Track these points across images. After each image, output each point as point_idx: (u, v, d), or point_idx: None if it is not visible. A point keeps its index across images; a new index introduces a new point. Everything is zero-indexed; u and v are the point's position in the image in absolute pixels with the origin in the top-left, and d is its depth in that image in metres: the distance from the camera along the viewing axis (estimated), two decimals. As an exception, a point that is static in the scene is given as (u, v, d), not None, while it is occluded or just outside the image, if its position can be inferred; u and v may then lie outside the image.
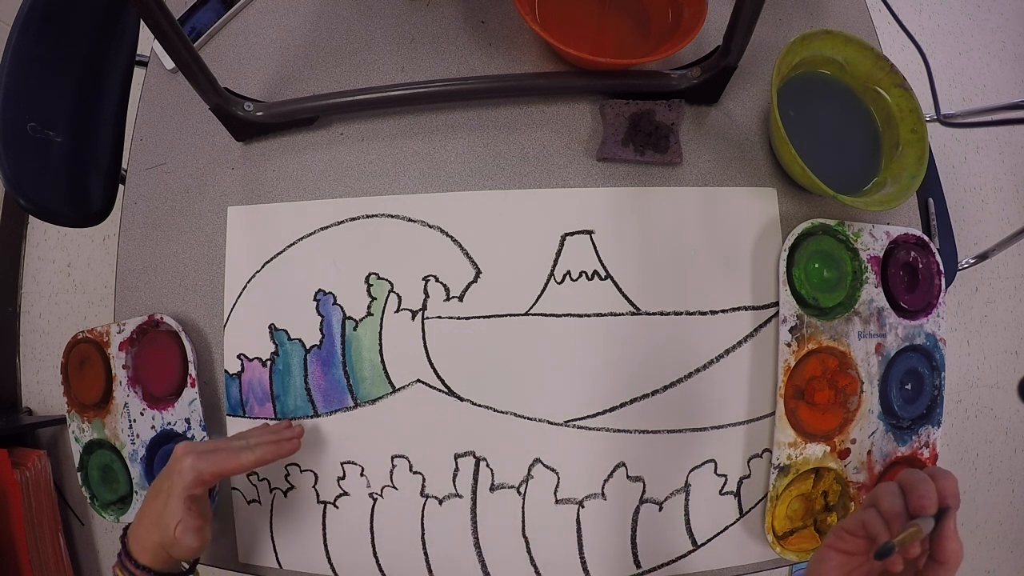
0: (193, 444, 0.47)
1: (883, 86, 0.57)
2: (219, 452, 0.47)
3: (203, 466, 0.45)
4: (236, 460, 0.47)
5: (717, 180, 0.58)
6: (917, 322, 0.56)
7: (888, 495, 0.38)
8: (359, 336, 0.55)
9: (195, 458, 0.46)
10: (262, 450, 0.48)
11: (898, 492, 0.37)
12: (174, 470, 0.46)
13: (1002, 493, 1.32)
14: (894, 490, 0.38)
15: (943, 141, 1.43)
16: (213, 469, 0.46)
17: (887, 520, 0.37)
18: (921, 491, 0.36)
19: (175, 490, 0.45)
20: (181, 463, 0.46)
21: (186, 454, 0.46)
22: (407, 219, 0.57)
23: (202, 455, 0.46)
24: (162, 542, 0.45)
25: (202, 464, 0.45)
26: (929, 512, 0.36)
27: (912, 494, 0.36)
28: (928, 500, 0.36)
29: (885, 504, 0.37)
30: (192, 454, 0.46)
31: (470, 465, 0.54)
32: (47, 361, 1.38)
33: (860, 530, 0.39)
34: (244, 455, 0.47)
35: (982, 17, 1.54)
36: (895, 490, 0.38)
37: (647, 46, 0.59)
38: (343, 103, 0.57)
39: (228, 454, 0.47)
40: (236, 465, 0.47)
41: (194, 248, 0.58)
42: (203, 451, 0.46)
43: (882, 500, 0.38)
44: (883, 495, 0.38)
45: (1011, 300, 1.39)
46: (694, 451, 0.54)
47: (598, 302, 0.55)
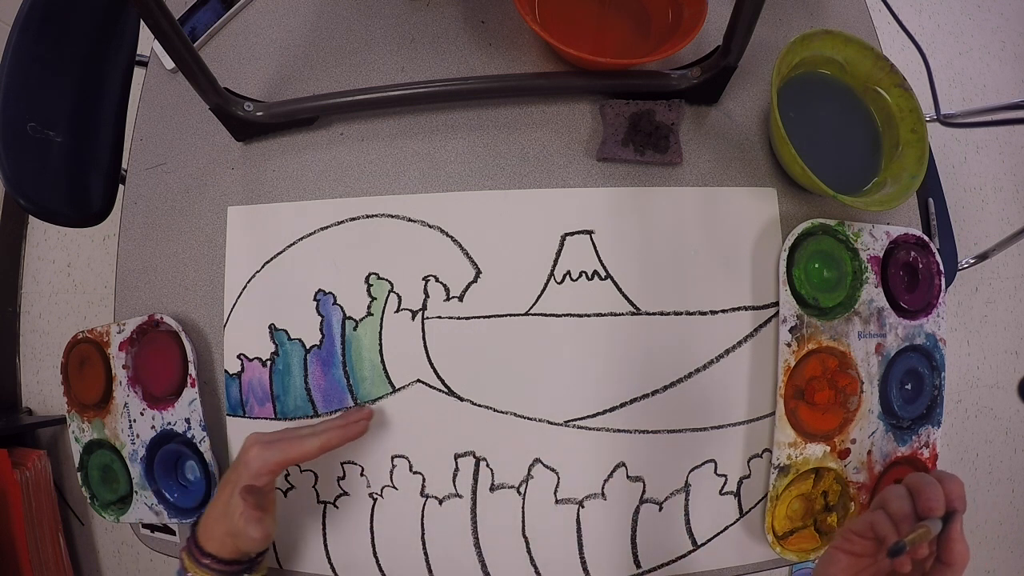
0: (260, 434, 0.48)
1: (883, 86, 0.57)
2: (284, 440, 0.47)
3: (268, 455, 0.46)
4: (301, 447, 0.47)
5: (717, 180, 0.58)
6: (917, 322, 0.56)
7: (897, 498, 0.38)
8: (359, 336, 0.55)
9: (260, 447, 0.46)
10: (328, 435, 0.48)
11: (906, 495, 0.38)
12: (240, 460, 0.46)
13: (1002, 493, 1.32)
14: (902, 493, 0.38)
15: (943, 141, 1.44)
16: (278, 458, 0.46)
17: (895, 522, 0.38)
18: (929, 494, 0.37)
19: (240, 480, 0.45)
20: (247, 453, 0.46)
21: (252, 443, 0.46)
22: (407, 219, 0.57)
23: (267, 444, 0.46)
24: (229, 531, 0.45)
25: (267, 453, 0.46)
26: (937, 514, 0.36)
27: (920, 497, 0.37)
28: (936, 503, 0.36)
29: (894, 506, 0.38)
30: (258, 444, 0.46)
31: (470, 465, 0.54)
32: (47, 361, 1.38)
33: (868, 532, 0.39)
34: (309, 441, 0.47)
35: (982, 17, 1.54)
36: (903, 493, 0.38)
37: (647, 46, 0.59)
38: (343, 103, 0.57)
39: (292, 442, 0.47)
40: (300, 452, 0.47)
41: (194, 248, 0.58)
42: (269, 440, 0.47)
43: (891, 502, 0.38)
44: (892, 498, 0.38)
45: (1011, 300, 1.39)
46: (694, 451, 0.54)
47: (598, 302, 0.55)
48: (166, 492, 0.56)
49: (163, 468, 0.56)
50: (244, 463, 0.46)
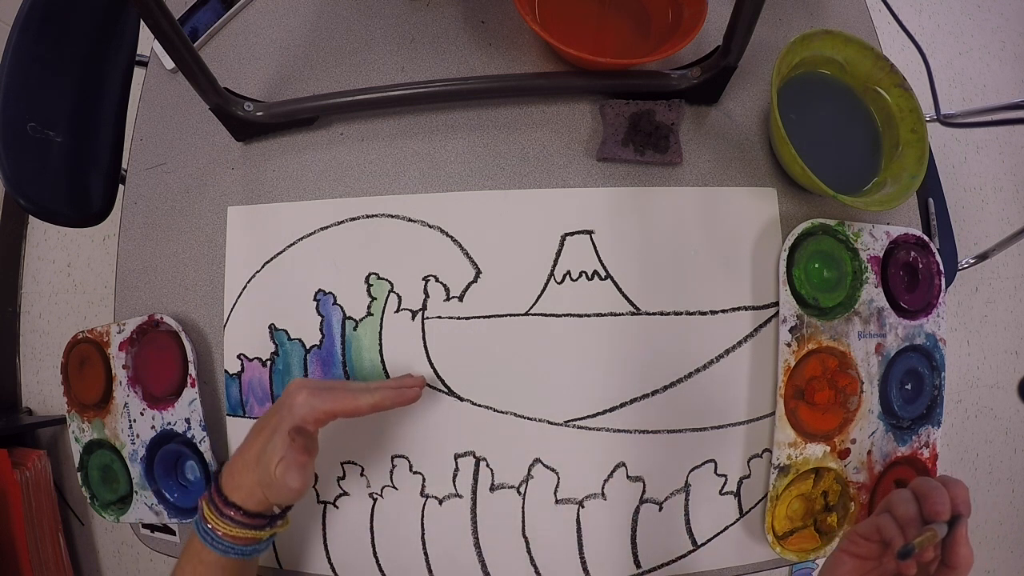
0: (307, 380, 0.44)
1: (883, 86, 0.57)
2: (336, 391, 0.44)
3: (317, 402, 0.42)
4: (353, 401, 0.44)
5: (717, 180, 0.58)
6: (917, 322, 0.56)
7: (903, 502, 0.39)
8: (359, 336, 0.55)
9: (309, 393, 0.43)
10: (382, 394, 0.45)
11: (912, 499, 0.39)
12: (283, 404, 0.43)
13: (1002, 493, 1.33)
14: (908, 497, 0.39)
15: (943, 141, 1.44)
16: (328, 407, 0.43)
17: (901, 525, 0.38)
18: (935, 498, 0.37)
19: (283, 425, 0.42)
20: (293, 398, 0.43)
21: (299, 388, 0.43)
22: (407, 219, 0.57)
23: (317, 391, 0.43)
24: (259, 481, 0.42)
25: (316, 400, 0.42)
26: (943, 518, 0.37)
27: (926, 501, 0.37)
28: (942, 507, 0.37)
29: (900, 510, 0.38)
30: (306, 388, 0.43)
31: (470, 465, 0.54)
32: (47, 361, 1.38)
33: (874, 535, 0.40)
34: (362, 397, 0.44)
35: (982, 17, 1.54)
36: (909, 497, 0.39)
37: (647, 46, 0.59)
38: (343, 103, 0.57)
39: (345, 393, 0.44)
40: (353, 406, 0.44)
41: (194, 248, 0.58)
42: (318, 387, 0.43)
43: (897, 506, 0.39)
44: (898, 502, 0.39)
45: (1011, 300, 1.39)
46: (694, 451, 0.54)
47: (598, 302, 0.55)
48: (166, 492, 0.56)
49: (163, 468, 0.56)
50: (288, 407, 0.43)
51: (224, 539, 0.43)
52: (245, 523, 0.43)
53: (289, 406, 0.43)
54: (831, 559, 0.42)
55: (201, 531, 0.44)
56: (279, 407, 0.44)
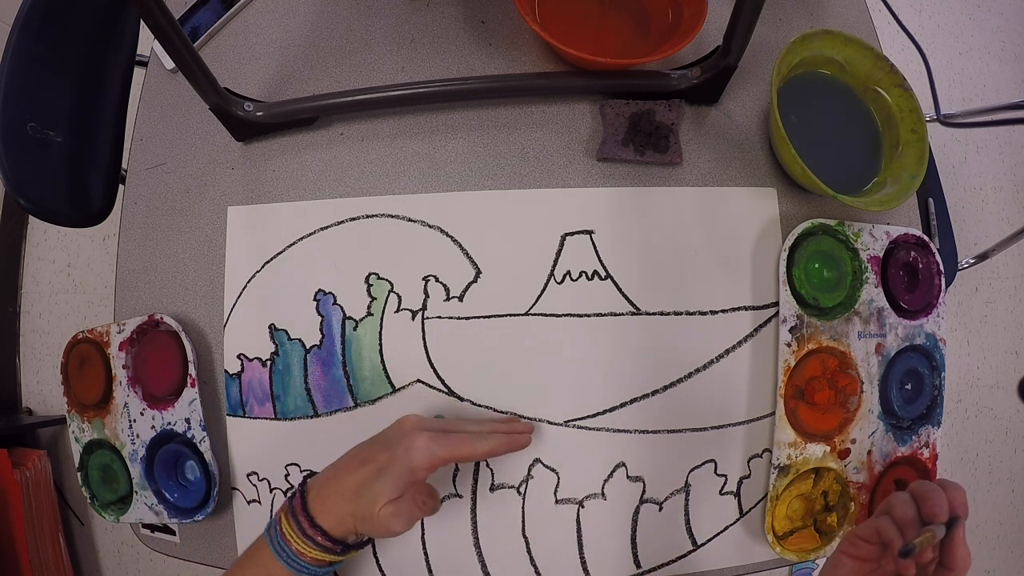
0: (424, 420, 0.43)
1: (883, 86, 0.57)
2: (455, 437, 0.42)
3: (437, 448, 0.41)
4: (472, 447, 0.43)
5: (717, 180, 0.58)
6: (917, 322, 0.56)
7: (902, 504, 0.39)
8: (359, 336, 0.55)
9: (430, 439, 0.41)
10: (497, 440, 0.44)
11: (911, 501, 0.39)
12: (400, 445, 0.41)
13: (1002, 493, 1.33)
14: (907, 499, 0.39)
15: (943, 141, 1.44)
16: (446, 453, 0.41)
17: (900, 527, 0.39)
18: (934, 500, 0.38)
19: (397, 467, 0.41)
20: (413, 440, 0.41)
21: (418, 431, 0.42)
22: (407, 219, 0.57)
23: (437, 437, 0.41)
24: (356, 514, 0.41)
25: (437, 447, 0.41)
26: (941, 520, 0.37)
27: (925, 503, 0.38)
28: (940, 509, 0.37)
29: (899, 512, 0.39)
30: (427, 433, 0.41)
31: (470, 465, 0.54)
32: (47, 361, 1.38)
33: (873, 536, 0.40)
34: (480, 443, 0.43)
35: (982, 17, 1.54)
36: (908, 499, 0.39)
37: (647, 46, 0.59)
38: (343, 103, 0.57)
39: (465, 440, 0.42)
40: (471, 452, 0.43)
41: (194, 248, 0.58)
42: (437, 431, 0.42)
43: (896, 508, 0.39)
44: (897, 504, 0.39)
45: (1011, 300, 1.39)
46: (694, 451, 0.54)
47: (598, 302, 0.55)
48: (166, 492, 0.56)
49: (163, 468, 0.56)
50: (405, 449, 0.41)
51: (300, 558, 0.42)
52: (327, 547, 0.42)
53: (407, 448, 0.41)
54: (830, 561, 0.42)
55: (276, 545, 0.42)
56: (391, 444, 0.42)
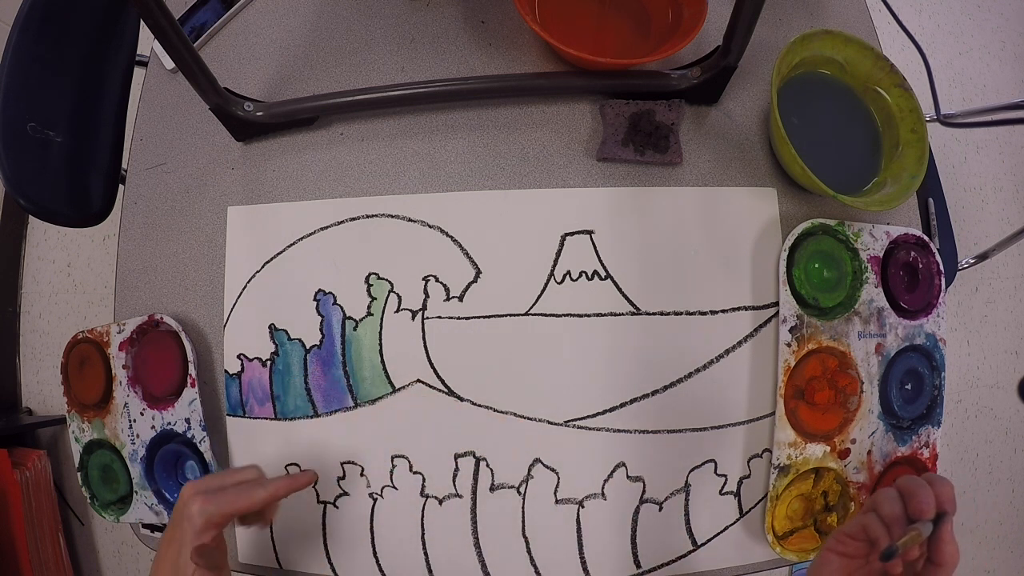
0: (199, 483, 0.44)
1: (883, 86, 0.57)
2: (228, 492, 0.43)
3: (212, 509, 0.42)
4: (249, 498, 0.44)
5: (717, 180, 0.58)
6: (917, 322, 0.56)
7: (888, 500, 0.39)
8: (359, 336, 0.55)
9: (203, 501, 0.42)
10: (275, 485, 0.45)
11: (897, 498, 0.39)
12: (182, 515, 0.43)
13: (1002, 493, 1.32)
14: (894, 496, 0.39)
15: (943, 141, 1.44)
16: (224, 511, 0.43)
17: (887, 524, 0.39)
18: (920, 497, 0.37)
19: (186, 538, 0.42)
20: (189, 508, 0.42)
21: (192, 497, 0.43)
22: (407, 219, 0.57)
23: (210, 497, 0.43)
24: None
25: (211, 507, 0.42)
26: (927, 517, 0.37)
27: (911, 500, 0.38)
28: (927, 505, 0.37)
29: (885, 509, 0.39)
30: (199, 496, 0.43)
31: (470, 465, 0.54)
32: (47, 361, 1.38)
33: (860, 534, 0.40)
34: (257, 491, 0.44)
35: (982, 17, 1.54)
36: (895, 496, 0.39)
37: (647, 46, 0.59)
38: (343, 103, 0.57)
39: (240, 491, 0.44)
40: (248, 503, 0.44)
41: (194, 248, 0.58)
42: (211, 491, 0.43)
43: (882, 505, 0.39)
44: (883, 500, 0.39)
45: (1011, 300, 1.39)
46: (694, 451, 0.54)
47: (598, 302, 0.55)
48: (166, 492, 0.56)
49: (163, 468, 0.56)
50: (187, 518, 0.42)
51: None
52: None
53: (188, 517, 0.43)
54: (818, 558, 0.42)
55: None
56: (179, 518, 0.43)
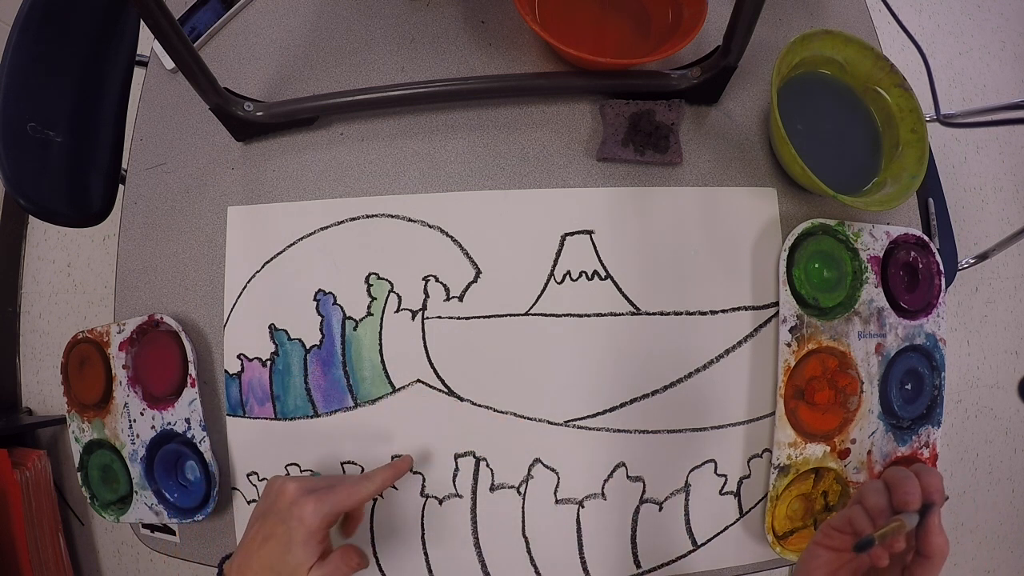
0: (301, 482, 0.44)
1: (883, 86, 0.57)
2: (338, 489, 0.44)
3: (327, 508, 0.43)
4: (358, 493, 0.44)
5: (717, 180, 0.58)
6: (917, 322, 0.56)
7: (873, 492, 0.39)
8: (359, 336, 0.55)
9: (316, 501, 0.42)
10: (380, 475, 0.46)
11: (883, 489, 0.39)
12: (292, 515, 0.42)
13: (1002, 493, 1.33)
14: (879, 487, 0.39)
15: (943, 141, 1.44)
16: (336, 509, 0.43)
17: (872, 516, 0.38)
18: (905, 487, 0.37)
19: (296, 536, 0.42)
20: (301, 508, 0.42)
21: (303, 496, 0.43)
22: (407, 219, 0.57)
23: (322, 497, 0.43)
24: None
25: (325, 507, 0.42)
26: (912, 508, 0.37)
27: (896, 491, 0.38)
28: (912, 496, 0.37)
29: (870, 501, 0.38)
30: (311, 496, 0.43)
31: (470, 465, 0.54)
32: (47, 361, 1.38)
33: (847, 527, 0.40)
34: (364, 485, 0.45)
35: (982, 17, 1.54)
36: (880, 487, 0.39)
37: (647, 46, 0.59)
38: (343, 103, 0.57)
39: (349, 489, 0.44)
40: (358, 498, 0.44)
41: (194, 248, 0.58)
42: (319, 490, 0.43)
43: (867, 497, 0.39)
44: (868, 492, 0.39)
45: (1011, 300, 1.39)
46: (694, 451, 0.54)
47: (598, 302, 0.55)
48: (166, 492, 0.56)
49: (163, 468, 0.56)
50: (298, 519, 0.42)
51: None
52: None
53: (299, 517, 0.42)
54: (806, 552, 0.42)
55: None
56: (284, 516, 0.43)
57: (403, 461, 0.50)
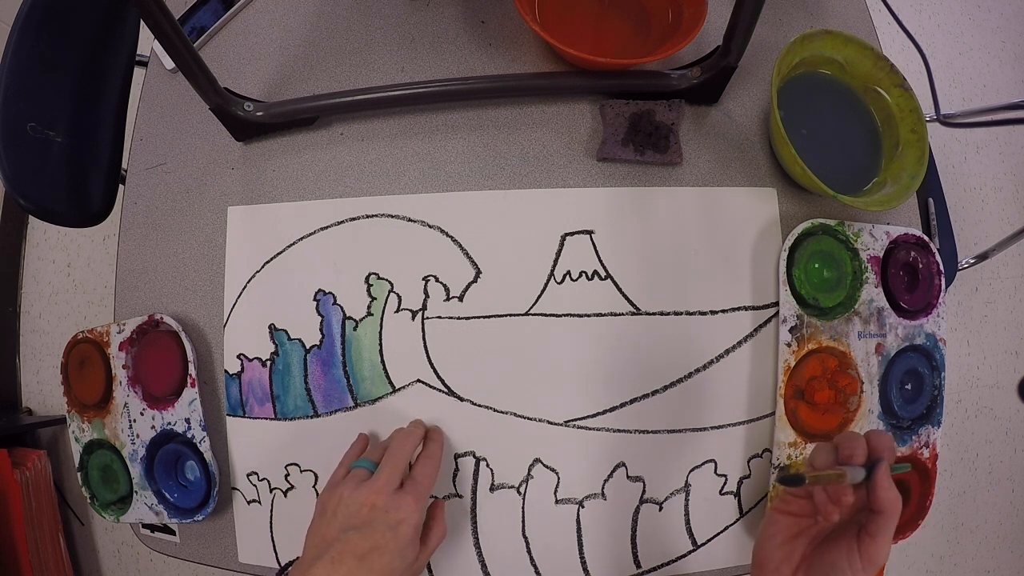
0: (382, 482, 0.44)
1: (883, 86, 0.57)
2: (416, 474, 0.46)
3: (424, 498, 0.44)
4: (434, 467, 0.47)
5: (717, 180, 0.58)
6: (917, 322, 0.56)
7: (820, 452, 0.40)
8: (359, 336, 0.55)
9: (414, 498, 0.44)
10: (436, 440, 0.50)
11: (831, 449, 0.40)
12: (395, 520, 0.42)
13: (1002, 493, 1.33)
14: (827, 447, 0.41)
15: (943, 141, 1.44)
16: (429, 493, 0.45)
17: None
18: (849, 444, 0.39)
19: (404, 537, 0.42)
20: (402, 510, 0.43)
21: (398, 497, 0.43)
22: (407, 219, 0.57)
23: (415, 490, 0.44)
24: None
25: (423, 499, 0.44)
26: (856, 462, 0.38)
27: (841, 448, 0.39)
28: (855, 451, 0.38)
29: (818, 460, 0.40)
30: (407, 496, 0.43)
31: (470, 465, 0.54)
32: (47, 361, 1.38)
33: (801, 491, 0.41)
34: (433, 454, 0.48)
35: (982, 17, 1.54)
36: (828, 447, 0.41)
37: (647, 46, 0.59)
38: (343, 103, 0.57)
39: (422, 470, 0.47)
40: (436, 474, 0.47)
41: (194, 248, 0.58)
42: (408, 485, 0.45)
43: (816, 457, 0.40)
44: (816, 452, 0.41)
45: (1011, 300, 1.39)
46: (694, 451, 0.54)
47: (598, 302, 0.55)
48: (166, 492, 0.56)
49: (163, 468, 0.56)
50: (405, 522, 0.43)
51: None
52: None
53: (403, 520, 0.43)
54: (765, 519, 0.43)
55: None
56: (382, 525, 0.42)
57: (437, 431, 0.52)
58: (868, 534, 0.37)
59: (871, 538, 0.37)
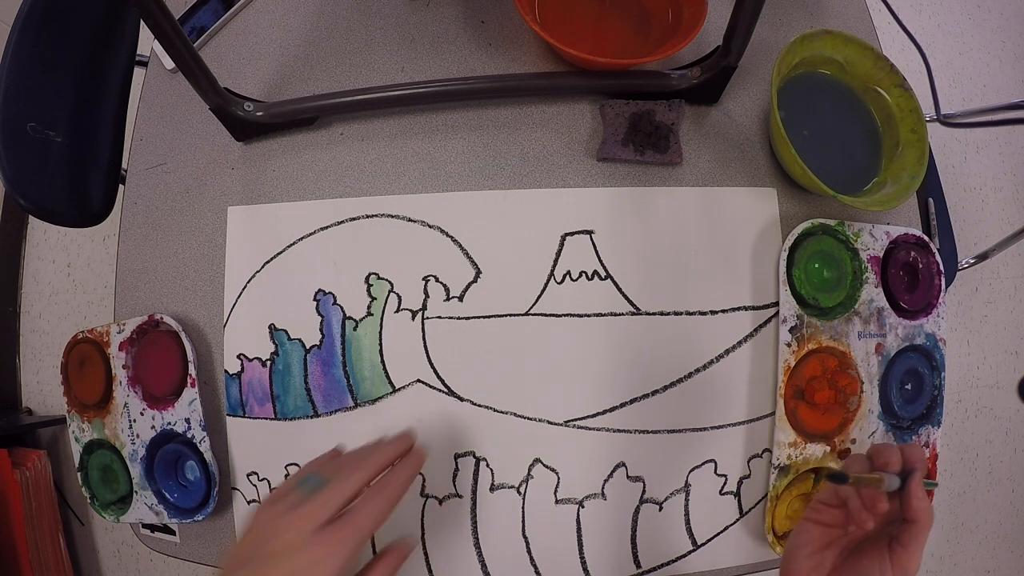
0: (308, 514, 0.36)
1: (883, 86, 0.57)
2: (355, 514, 0.37)
3: (349, 548, 0.35)
4: (381, 510, 0.38)
5: (717, 180, 0.58)
6: (917, 322, 0.56)
7: (855, 462, 0.40)
8: (359, 336, 0.55)
9: (340, 539, 0.35)
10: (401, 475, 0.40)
11: (866, 459, 0.40)
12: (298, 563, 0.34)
13: (1002, 493, 1.33)
14: (861, 458, 0.40)
15: (943, 141, 1.44)
16: (360, 546, 0.36)
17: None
18: (885, 453, 0.39)
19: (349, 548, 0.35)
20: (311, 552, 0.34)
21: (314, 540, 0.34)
22: (407, 219, 0.57)
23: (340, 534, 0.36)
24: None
25: (347, 547, 0.35)
26: (892, 470, 0.38)
27: (877, 457, 0.39)
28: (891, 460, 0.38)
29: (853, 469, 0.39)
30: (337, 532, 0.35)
31: (470, 465, 0.54)
32: (47, 361, 1.38)
33: (834, 499, 0.41)
34: (386, 494, 0.39)
35: (982, 17, 1.54)
36: (862, 458, 0.40)
37: (647, 46, 0.59)
38: (343, 103, 0.57)
39: (365, 510, 0.37)
40: (382, 518, 0.38)
41: (194, 248, 0.58)
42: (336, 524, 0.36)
43: (850, 467, 0.40)
44: (851, 462, 0.41)
45: (1011, 300, 1.39)
46: (694, 451, 0.54)
47: (598, 302, 0.55)
48: (166, 492, 0.56)
49: (163, 468, 0.56)
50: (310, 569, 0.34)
51: None
52: None
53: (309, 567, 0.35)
54: (797, 528, 0.43)
55: None
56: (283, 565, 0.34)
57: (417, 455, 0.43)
58: (900, 544, 0.37)
59: (903, 548, 0.37)
